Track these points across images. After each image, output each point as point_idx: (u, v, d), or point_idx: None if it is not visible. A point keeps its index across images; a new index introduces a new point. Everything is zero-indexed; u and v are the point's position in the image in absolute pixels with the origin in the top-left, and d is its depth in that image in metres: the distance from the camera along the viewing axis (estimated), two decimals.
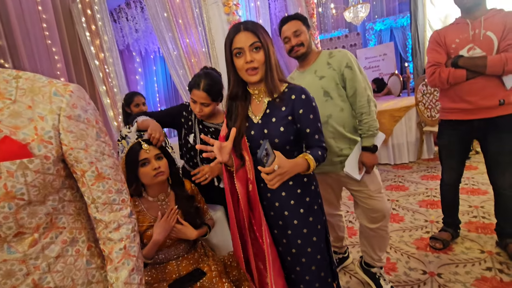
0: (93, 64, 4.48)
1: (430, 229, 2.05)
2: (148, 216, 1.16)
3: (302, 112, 0.99)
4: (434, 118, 3.15)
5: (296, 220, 1.03)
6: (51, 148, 0.59)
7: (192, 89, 1.32)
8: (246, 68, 0.95)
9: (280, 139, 0.99)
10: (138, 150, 1.14)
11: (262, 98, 1.04)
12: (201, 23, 3.53)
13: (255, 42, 0.93)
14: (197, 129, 1.41)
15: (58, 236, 0.63)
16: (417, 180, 2.96)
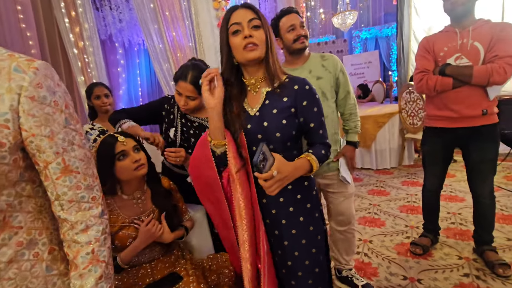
0: (72, 52, 4.23)
1: (410, 234, 2.07)
2: (121, 216, 1.06)
3: (306, 104, 0.89)
4: (416, 126, 3.22)
5: (294, 230, 0.93)
6: (8, 133, 0.51)
7: (178, 80, 1.23)
8: (245, 44, 0.83)
9: (281, 133, 0.88)
10: (113, 142, 1.04)
11: (259, 89, 0.92)
12: (189, 17, 3.43)
13: (254, 19, 0.85)
14: (179, 123, 1.32)
15: (12, 238, 0.54)
16: (398, 185, 3.01)
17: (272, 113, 0.89)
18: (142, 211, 1.11)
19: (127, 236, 1.04)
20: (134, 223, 1.07)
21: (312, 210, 0.96)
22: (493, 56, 1.42)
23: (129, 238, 1.04)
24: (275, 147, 0.90)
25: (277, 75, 0.89)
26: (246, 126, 0.91)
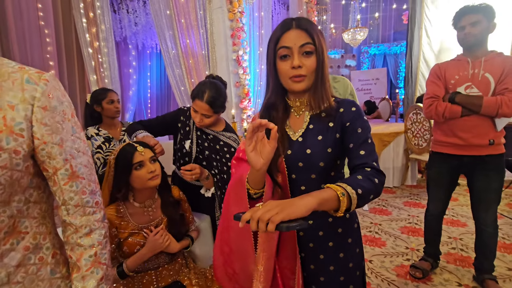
0: (86, 52, 4.33)
1: (410, 257, 2.07)
2: (132, 223, 1.09)
3: (349, 125, 0.79)
4: (421, 147, 3.24)
5: (332, 266, 0.85)
6: (22, 141, 0.53)
7: (195, 98, 1.27)
8: (291, 75, 0.76)
9: (325, 162, 0.79)
10: (132, 152, 1.07)
11: (303, 112, 0.84)
12: (204, 26, 3.50)
13: (308, 44, 0.75)
14: (195, 136, 1.36)
15: (20, 242, 0.56)
16: (400, 205, 3.01)
17: (317, 140, 0.80)
18: (151, 219, 1.14)
19: (136, 243, 1.07)
20: (143, 231, 1.09)
21: (353, 245, 0.88)
22: (504, 88, 1.45)
23: (137, 245, 1.07)
24: (317, 177, 0.81)
25: (324, 102, 0.80)
26: (287, 152, 0.82)
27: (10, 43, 4.00)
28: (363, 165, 0.74)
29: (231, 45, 3.43)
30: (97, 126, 1.89)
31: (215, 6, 3.38)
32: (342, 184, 0.65)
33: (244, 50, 3.46)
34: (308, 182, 0.81)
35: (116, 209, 1.09)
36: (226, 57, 3.47)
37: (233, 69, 3.48)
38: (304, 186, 0.82)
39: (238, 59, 3.44)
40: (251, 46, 3.68)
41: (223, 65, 3.48)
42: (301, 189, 0.82)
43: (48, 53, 4.36)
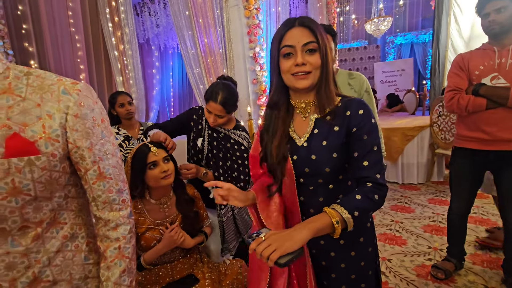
0: (113, 54, 4.56)
1: (433, 257, 1.99)
2: (149, 219, 1.17)
3: (356, 131, 0.76)
4: (448, 141, 3.07)
5: (344, 264, 0.86)
6: (58, 146, 0.60)
7: (209, 100, 1.32)
8: (294, 72, 0.76)
9: (332, 168, 0.78)
10: (146, 152, 1.14)
11: (308, 114, 0.83)
12: (221, 24, 3.55)
13: (311, 42, 0.74)
14: (207, 134, 1.41)
15: (59, 231, 0.64)
16: (424, 203, 2.89)
17: (322, 145, 0.79)
18: (167, 216, 1.20)
19: (152, 238, 1.14)
20: (159, 227, 1.16)
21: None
22: None
23: (154, 240, 1.14)
24: (324, 181, 0.81)
25: (330, 103, 0.79)
26: (292, 157, 0.82)
27: (45, 48, 4.32)
28: (365, 179, 0.75)
29: (247, 42, 3.44)
30: (117, 126, 2.01)
31: (231, 4, 3.41)
32: (338, 209, 0.70)
33: (260, 47, 3.46)
34: (316, 186, 0.83)
35: (134, 206, 1.17)
36: (243, 55, 3.49)
37: (250, 66, 3.50)
38: (312, 187, 0.83)
39: (255, 56, 3.45)
40: (268, 42, 3.67)
41: (240, 62, 3.51)
42: (310, 189, 0.84)
43: (79, 57, 4.65)
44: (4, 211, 0.55)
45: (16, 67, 0.63)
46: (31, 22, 4.14)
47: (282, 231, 0.67)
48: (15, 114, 0.57)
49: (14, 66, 0.63)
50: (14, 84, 0.59)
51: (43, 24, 4.26)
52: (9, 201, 0.55)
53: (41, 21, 4.25)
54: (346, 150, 0.78)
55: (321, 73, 0.78)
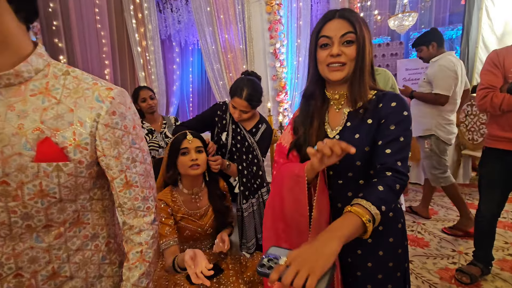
0: (136, 50, 4.69)
1: (457, 260, 1.93)
2: (183, 208, 1.21)
3: (384, 121, 0.75)
4: (476, 142, 2.94)
5: (370, 263, 0.83)
6: (86, 153, 0.60)
7: (234, 96, 1.34)
8: (329, 62, 0.76)
9: (363, 161, 0.77)
10: (181, 139, 1.19)
11: (342, 107, 0.83)
12: (242, 20, 3.56)
13: (349, 33, 0.74)
14: (231, 129, 1.43)
15: (81, 231, 0.65)
16: (448, 205, 2.79)
17: (354, 138, 0.78)
18: (199, 207, 1.24)
19: (185, 227, 1.19)
20: (191, 217, 1.21)
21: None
22: None
23: (186, 230, 1.18)
24: (354, 176, 0.80)
25: (362, 96, 0.77)
26: None
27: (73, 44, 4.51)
28: (384, 167, 0.71)
29: (268, 38, 3.43)
30: (141, 119, 2.08)
31: (253, 0, 3.41)
32: (365, 204, 0.64)
33: (281, 43, 3.45)
34: (346, 179, 0.81)
35: (171, 193, 1.22)
36: (263, 51, 3.49)
37: (270, 62, 3.49)
38: (342, 181, 0.82)
39: (275, 52, 3.44)
40: (289, 38, 3.65)
41: (260, 58, 3.51)
42: (339, 183, 0.82)
43: (104, 53, 4.81)
44: (31, 210, 0.57)
45: (56, 64, 0.63)
46: (61, 18, 4.33)
47: (305, 249, 0.56)
48: (49, 118, 0.57)
49: (55, 63, 0.64)
50: (51, 84, 0.59)
51: (72, 20, 4.44)
52: (35, 202, 0.57)
53: (70, 17, 4.43)
54: None
55: (356, 65, 0.77)
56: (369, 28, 0.78)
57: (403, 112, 0.75)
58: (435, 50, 2.23)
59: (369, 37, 0.77)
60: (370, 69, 0.79)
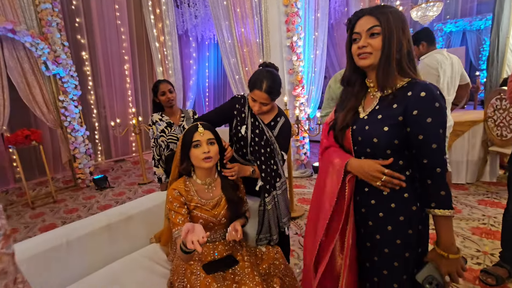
0: (154, 46, 4.77)
1: (482, 261, 1.84)
2: (196, 197, 1.23)
3: (417, 113, 0.80)
4: (505, 138, 2.78)
5: (379, 235, 0.93)
6: None
7: (253, 89, 1.31)
8: (358, 53, 0.87)
9: (380, 139, 0.86)
10: (193, 131, 1.20)
11: (376, 93, 0.92)
12: (258, 13, 3.53)
13: (374, 27, 0.84)
14: (250, 122, 1.42)
15: None
16: (473, 204, 2.66)
17: (377, 118, 0.88)
18: (212, 197, 1.25)
19: (199, 217, 1.20)
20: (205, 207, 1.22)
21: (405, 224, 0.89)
22: None
23: (200, 219, 1.20)
24: (371, 152, 0.90)
25: (388, 83, 0.86)
26: (353, 127, 0.95)
27: (95, 40, 4.65)
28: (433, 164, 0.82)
29: (285, 31, 3.39)
30: (160, 113, 2.11)
31: None
32: (442, 213, 0.82)
33: (298, 36, 3.39)
34: (365, 155, 0.93)
35: (184, 183, 1.24)
36: (280, 44, 3.45)
37: (286, 56, 3.44)
38: (363, 156, 0.93)
39: (292, 45, 3.39)
40: (306, 31, 3.58)
41: (276, 52, 3.48)
42: (361, 159, 0.94)
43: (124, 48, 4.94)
44: None
45: None
46: (83, 16, 4.47)
47: (439, 254, 0.84)
48: None
49: None
50: None
51: (93, 17, 4.57)
52: None
53: (91, 14, 4.56)
54: (401, 128, 0.84)
55: (382, 54, 0.85)
56: (403, 21, 0.84)
57: (435, 103, 0.80)
58: (425, 49, 2.36)
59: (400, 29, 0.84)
60: (401, 58, 0.85)
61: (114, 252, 1.40)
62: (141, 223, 1.51)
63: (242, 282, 1.08)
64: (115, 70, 4.92)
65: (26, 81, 3.51)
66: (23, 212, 3.29)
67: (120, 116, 4.78)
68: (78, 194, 3.75)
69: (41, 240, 1.26)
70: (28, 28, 3.40)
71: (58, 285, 1.22)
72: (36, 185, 4.17)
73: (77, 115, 3.89)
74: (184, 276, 1.14)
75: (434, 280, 0.84)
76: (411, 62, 0.86)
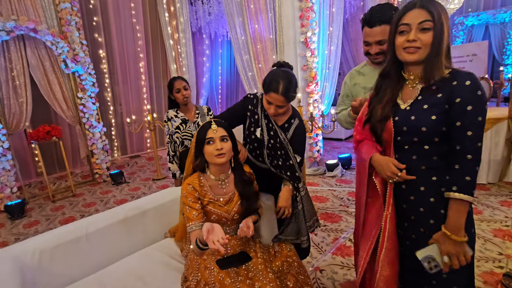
0: (168, 43, 4.82)
1: (504, 264, 1.76)
2: (210, 193, 1.24)
3: (460, 101, 0.83)
4: None
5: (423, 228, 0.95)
6: None
7: (269, 91, 1.25)
8: (406, 46, 0.87)
9: (428, 128, 0.87)
10: (207, 128, 1.21)
11: (416, 85, 0.93)
12: (272, 9, 3.49)
13: (426, 21, 0.83)
14: (264, 124, 1.39)
15: None
16: (495, 205, 2.55)
17: (423, 108, 0.89)
18: (225, 192, 1.26)
19: (212, 212, 1.21)
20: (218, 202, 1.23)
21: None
22: None
23: (213, 214, 1.21)
24: (420, 140, 0.91)
25: (435, 75, 0.87)
26: (394, 118, 0.95)
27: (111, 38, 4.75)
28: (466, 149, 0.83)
29: (299, 27, 3.34)
30: (176, 109, 2.13)
31: None
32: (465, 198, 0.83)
33: (312, 31, 3.34)
34: (411, 144, 0.94)
35: (198, 179, 1.25)
36: (294, 40, 3.40)
37: (300, 52, 3.40)
38: (408, 146, 0.95)
39: (306, 41, 3.34)
40: (320, 26, 3.51)
41: (290, 48, 3.44)
42: (405, 148, 0.96)
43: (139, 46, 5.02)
44: None
45: None
46: (100, 14, 4.57)
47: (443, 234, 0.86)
48: None
49: None
50: None
51: (110, 16, 4.67)
52: None
53: (108, 13, 4.66)
54: (446, 116, 0.86)
55: (431, 50, 0.85)
56: (447, 14, 0.85)
57: (477, 92, 0.82)
58: None
59: (448, 24, 0.85)
60: (446, 51, 0.87)
61: (130, 245, 1.44)
62: (156, 217, 1.54)
63: (255, 279, 1.09)
64: (130, 67, 5.02)
65: (47, 79, 3.64)
66: (45, 205, 3.43)
67: (135, 113, 4.88)
68: (96, 189, 3.87)
69: (62, 231, 1.30)
70: (49, 27, 3.52)
71: (77, 275, 1.26)
72: (56, 179, 4.33)
73: (95, 111, 4.00)
74: (198, 270, 1.15)
75: (433, 261, 0.86)
76: (449, 54, 0.89)
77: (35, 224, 2.94)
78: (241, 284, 1.06)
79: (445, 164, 0.90)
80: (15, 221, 3.04)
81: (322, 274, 1.80)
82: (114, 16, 4.76)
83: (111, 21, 4.74)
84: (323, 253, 2.01)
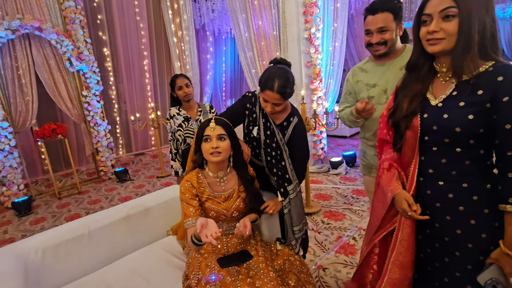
0: (172, 41, 4.82)
1: None
2: (208, 190, 1.24)
3: (508, 99, 0.73)
4: None
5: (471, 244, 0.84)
6: None
7: (264, 89, 1.24)
8: (427, 38, 0.80)
9: (463, 128, 0.78)
10: (205, 126, 1.21)
11: (449, 79, 0.84)
12: (276, 5, 3.45)
13: (449, 8, 0.75)
14: (261, 123, 1.37)
15: None
16: None
17: (459, 105, 0.80)
18: (224, 190, 1.26)
19: (211, 208, 1.21)
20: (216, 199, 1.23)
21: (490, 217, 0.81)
22: None
23: (212, 211, 1.21)
24: (452, 142, 0.82)
25: (466, 69, 0.78)
26: (423, 115, 0.87)
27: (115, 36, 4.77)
28: None
29: (303, 23, 3.30)
30: (178, 107, 2.13)
31: None
32: None
33: (316, 27, 3.29)
34: (441, 145, 0.84)
35: (197, 176, 1.25)
36: (298, 36, 3.37)
37: (304, 48, 3.36)
38: (436, 147, 0.86)
39: (310, 37, 3.30)
40: (325, 22, 3.47)
41: (294, 44, 3.40)
42: (433, 150, 0.87)
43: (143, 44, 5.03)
44: None
45: None
46: (105, 12, 4.58)
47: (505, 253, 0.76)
48: None
49: None
50: None
51: (114, 14, 4.67)
52: None
53: (112, 11, 4.67)
54: (488, 116, 0.76)
55: (458, 39, 0.76)
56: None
57: None
58: None
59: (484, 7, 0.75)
60: (484, 40, 0.77)
61: (132, 242, 1.44)
62: (159, 215, 1.55)
63: (256, 277, 1.08)
64: (134, 65, 5.03)
65: (52, 77, 3.67)
66: (51, 202, 3.48)
67: (139, 111, 4.90)
68: (101, 186, 3.91)
69: (65, 229, 1.31)
70: (53, 26, 3.54)
71: (80, 272, 1.27)
72: (62, 177, 4.38)
73: (100, 109, 4.03)
74: (199, 269, 1.15)
75: (499, 284, 0.77)
76: (495, 43, 0.78)
77: (42, 221, 2.98)
78: (241, 282, 1.05)
79: (478, 170, 0.81)
80: (22, 218, 3.09)
81: (325, 272, 1.79)
82: (118, 14, 4.76)
83: (115, 19, 4.74)
84: (326, 251, 2.00)
